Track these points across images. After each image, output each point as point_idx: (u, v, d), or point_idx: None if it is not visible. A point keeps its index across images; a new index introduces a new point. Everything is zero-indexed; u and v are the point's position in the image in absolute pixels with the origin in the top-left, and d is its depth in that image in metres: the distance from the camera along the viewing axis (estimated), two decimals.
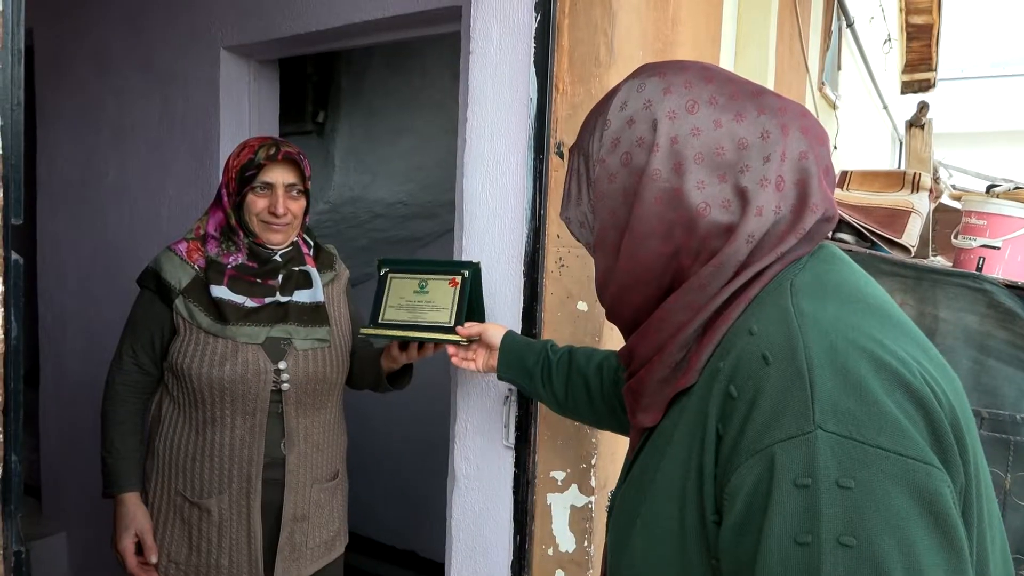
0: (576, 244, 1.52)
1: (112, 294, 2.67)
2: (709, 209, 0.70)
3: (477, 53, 1.62)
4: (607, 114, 0.76)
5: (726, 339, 0.70)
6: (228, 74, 2.38)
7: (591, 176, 0.77)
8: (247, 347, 1.58)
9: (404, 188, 3.19)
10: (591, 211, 0.79)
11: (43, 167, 2.94)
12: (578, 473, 1.54)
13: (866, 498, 0.57)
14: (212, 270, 1.61)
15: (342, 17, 2.03)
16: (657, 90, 0.74)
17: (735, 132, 0.71)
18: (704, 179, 0.70)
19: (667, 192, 0.71)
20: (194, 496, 1.59)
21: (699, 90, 0.73)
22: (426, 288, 1.54)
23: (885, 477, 0.57)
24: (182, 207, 2.47)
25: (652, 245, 0.73)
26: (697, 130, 0.71)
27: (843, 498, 0.57)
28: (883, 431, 0.58)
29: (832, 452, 0.58)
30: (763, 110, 0.72)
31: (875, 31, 5.17)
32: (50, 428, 3.03)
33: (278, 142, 1.63)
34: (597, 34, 1.48)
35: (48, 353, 3.00)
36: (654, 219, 0.72)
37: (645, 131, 0.73)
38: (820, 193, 0.70)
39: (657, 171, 0.71)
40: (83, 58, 2.73)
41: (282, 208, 1.59)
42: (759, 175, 0.70)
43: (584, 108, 1.50)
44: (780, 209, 0.69)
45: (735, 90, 0.73)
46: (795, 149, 0.70)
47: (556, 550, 1.57)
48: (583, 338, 1.52)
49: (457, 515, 1.70)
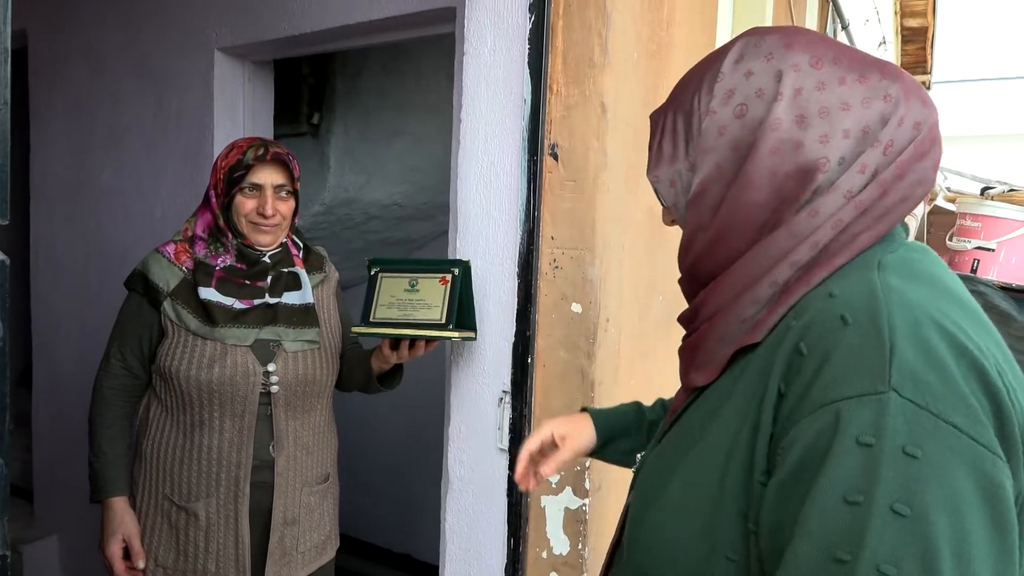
0: (571, 246, 1.51)
1: (106, 295, 2.66)
2: (828, 164, 0.69)
3: (471, 54, 1.62)
4: (719, 68, 0.76)
5: (803, 301, 0.68)
6: (222, 75, 2.37)
7: (693, 131, 0.76)
8: (236, 349, 1.57)
9: (399, 190, 3.18)
10: (689, 167, 0.77)
11: (36, 168, 2.93)
12: (572, 476, 1.54)
13: (930, 471, 0.55)
14: (200, 272, 1.60)
15: (337, 18, 2.03)
16: (779, 44, 0.74)
17: (858, 91, 0.70)
18: (828, 133, 0.70)
19: (787, 143, 0.70)
20: (181, 500, 1.58)
21: (823, 48, 0.73)
22: (416, 287, 1.54)
23: (954, 455, 0.55)
24: (176, 208, 2.47)
25: (758, 197, 0.72)
26: (823, 84, 0.71)
27: (906, 465, 0.55)
28: (958, 411, 0.57)
29: (904, 417, 0.56)
30: (886, 74, 0.72)
31: (870, 33, 5.18)
32: (43, 429, 3.01)
33: (267, 143, 1.62)
34: (591, 35, 1.48)
35: (41, 354, 2.98)
36: (767, 171, 0.71)
37: (766, 82, 0.72)
38: (922, 166, 0.70)
39: (779, 120, 0.71)
40: (77, 59, 2.72)
41: (271, 209, 1.58)
42: (875, 135, 0.69)
43: (579, 109, 1.50)
44: (880, 171, 0.69)
45: (857, 54, 0.74)
46: (912, 117, 0.70)
47: (550, 553, 1.56)
48: (576, 340, 1.52)
49: (451, 518, 1.69)
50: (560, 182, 1.52)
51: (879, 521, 0.55)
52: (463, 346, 1.64)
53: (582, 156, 1.50)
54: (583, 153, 1.50)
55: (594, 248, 1.50)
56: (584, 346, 1.51)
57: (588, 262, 1.50)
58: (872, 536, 0.54)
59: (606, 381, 1.55)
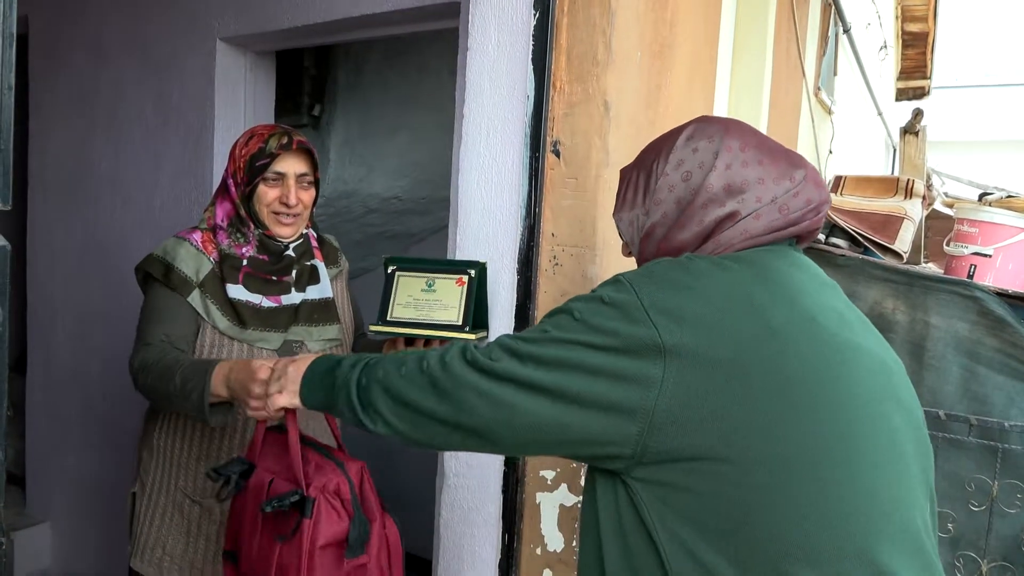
0: (572, 243, 1.52)
1: (103, 283, 2.65)
2: (739, 215, 0.95)
3: (475, 49, 1.62)
4: (675, 143, 1.00)
5: None
6: (224, 65, 2.37)
7: (651, 186, 1.00)
8: (261, 352, 1.55)
9: (399, 183, 3.18)
10: (645, 212, 1.01)
11: (35, 156, 2.92)
12: (568, 472, 1.54)
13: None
14: (227, 265, 1.56)
15: (340, 10, 2.02)
16: (720, 131, 0.99)
17: (771, 171, 0.96)
18: (744, 197, 0.95)
19: (713, 201, 0.96)
20: (197, 495, 1.57)
21: (749, 137, 0.99)
22: (433, 287, 1.55)
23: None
24: (175, 197, 2.46)
25: (687, 236, 0.98)
26: (745, 163, 0.96)
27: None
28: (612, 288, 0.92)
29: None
30: (793, 161, 0.98)
31: (871, 38, 5.19)
32: (37, 416, 3.01)
33: (288, 131, 1.59)
34: (595, 33, 1.48)
35: (36, 341, 2.98)
36: (697, 217, 0.96)
37: (707, 157, 0.97)
38: (799, 228, 0.98)
39: (711, 185, 0.96)
40: (78, 46, 2.71)
41: (294, 199, 1.56)
42: (780, 202, 0.96)
43: (582, 107, 1.50)
44: (773, 224, 0.96)
45: (775, 144, 1.00)
46: (805, 195, 0.96)
47: (544, 549, 1.57)
48: None
49: (446, 513, 1.69)
50: (562, 179, 1.53)
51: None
52: None
53: (584, 154, 1.50)
54: (585, 151, 1.50)
55: (594, 246, 1.50)
56: None
57: (588, 260, 1.51)
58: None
59: None
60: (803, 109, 3.36)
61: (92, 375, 2.73)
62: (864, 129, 6.00)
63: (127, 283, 1.65)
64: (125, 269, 2.38)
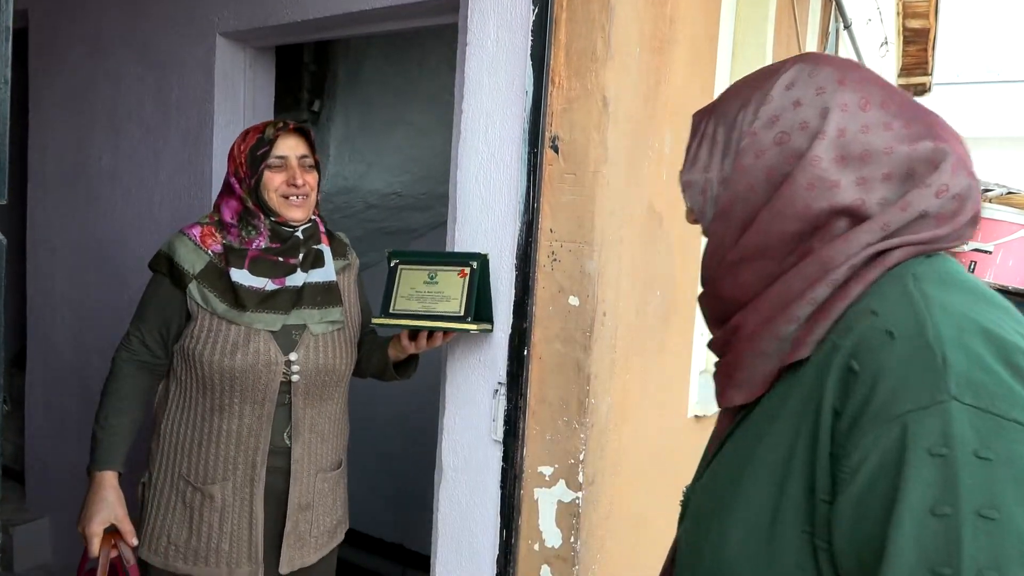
0: (570, 239, 1.52)
1: (103, 278, 2.65)
2: (865, 204, 0.70)
3: (474, 45, 1.62)
4: (769, 90, 0.75)
5: (845, 318, 0.68)
6: (223, 60, 2.36)
7: (732, 146, 0.76)
8: (259, 335, 1.57)
9: (399, 179, 3.18)
10: (722, 180, 0.77)
11: (35, 151, 2.91)
12: (566, 469, 1.54)
13: (1006, 470, 0.56)
14: (232, 255, 1.59)
15: (340, 6, 2.02)
16: (831, 79, 0.73)
17: (903, 135, 0.71)
18: (867, 176, 0.70)
19: (823, 181, 0.70)
20: (198, 481, 1.59)
21: (872, 90, 0.73)
22: (436, 279, 1.56)
23: (1023, 449, 0.57)
24: (174, 193, 2.46)
25: (790, 228, 0.72)
26: (867, 127, 0.71)
27: (983, 469, 0.56)
28: (1016, 406, 0.58)
29: (970, 423, 0.57)
30: (934, 123, 0.72)
31: (872, 34, 5.17)
32: (36, 411, 3.01)
33: (282, 118, 1.64)
34: (594, 29, 1.48)
35: (36, 335, 2.98)
36: (800, 205, 0.71)
37: (812, 117, 0.72)
38: (962, 219, 0.71)
39: (817, 159, 0.71)
40: (77, 41, 2.71)
41: (300, 179, 1.60)
42: (924, 180, 0.70)
43: (580, 102, 1.50)
44: (930, 211, 0.69)
45: (907, 99, 0.74)
46: (965, 167, 0.71)
47: (542, 545, 1.57)
48: (573, 333, 1.52)
49: (444, 508, 1.70)
50: (560, 175, 1.52)
51: (971, 529, 0.55)
52: (460, 337, 1.65)
53: (583, 149, 1.50)
54: (584, 146, 1.50)
55: (593, 242, 1.50)
56: (581, 339, 1.52)
57: (586, 255, 1.51)
58: (968, 545, 0.55)
59: (602, 375, 1.56)
60: None
61: (92, 370, 2.73)
62: None
63: (126, 278, 1.66)
64: (124, 264, 2.38)
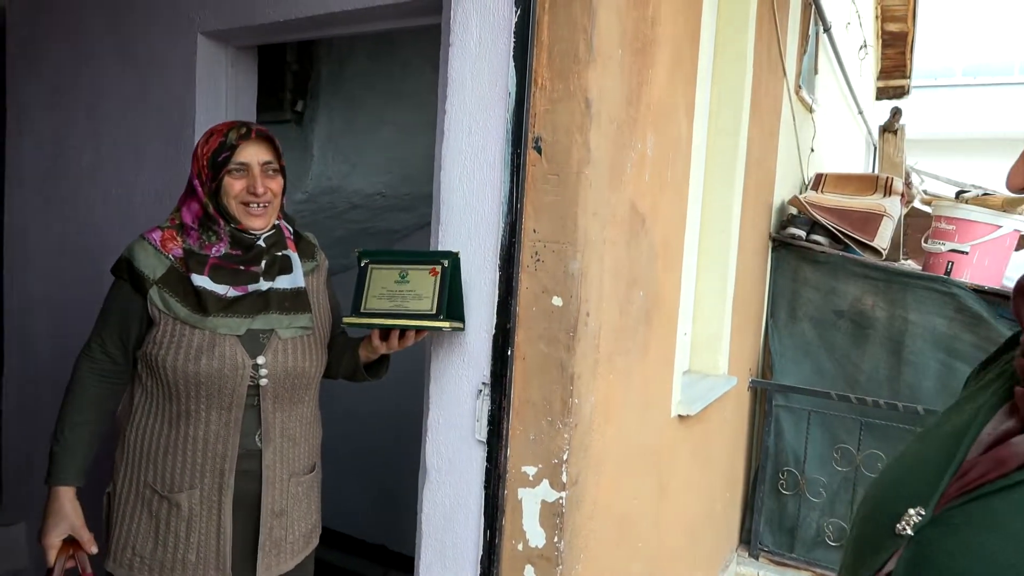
0: (553, 239, 1.52)
1: (82, 280, 2.62)
2: None
3: (457, 46, 1.62)
4: None
5: None
6: (205, 59, 2.35)
7: None
8: (225, 340, 1.54)
9: (382, 180, 3.17)
10: None
11: (12, 150, 2.88)
12: (550, 468, 1.55)
13: None
14: (192, 260, 1.56)
15: (323, 6, 2.01)
16: None
17: None
18: None
19: None
20: (164, 490, 1.56)
21: None
22: (407, 277, 1.55)
23: None
24: (155, 193, 2.44)
25: None
26: None
27: None
28: None
29: None
30: None
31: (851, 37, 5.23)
32: (13, 415, 2.97)
33: (247, 123, 1.59)
34: (577, 31, 1.49)
35: (13, 338, 2.94)
36: None
37: None
38: None
39: None
40: (58, 39, 2.68)
41: (261, 187, 1.56)
42: None
43: (563, 104, 1.50)
44: None
45: None
46: None
47: (526, 545, 1.57)
48: (556, 333, 1.52)
49: (428, 509, 1.69)
50: (543, 176, 1.53)
51: None
52: (443, 338, 1.65)
53: (565, 150, 1.51)
54: (566, 147, 1.50)
55: (576, 242, 1.51)
56: (564, 339, 1.52)
57: (569, 256, 1.51)
58: None
59: (585, 375, 1.56)
60: (784, 107, 3.38)
61: (69, 373, 2.70)
62: (845, 127, 6.05)
63: (106, 280, 1.64)
64: (104, 266, 2.34)
